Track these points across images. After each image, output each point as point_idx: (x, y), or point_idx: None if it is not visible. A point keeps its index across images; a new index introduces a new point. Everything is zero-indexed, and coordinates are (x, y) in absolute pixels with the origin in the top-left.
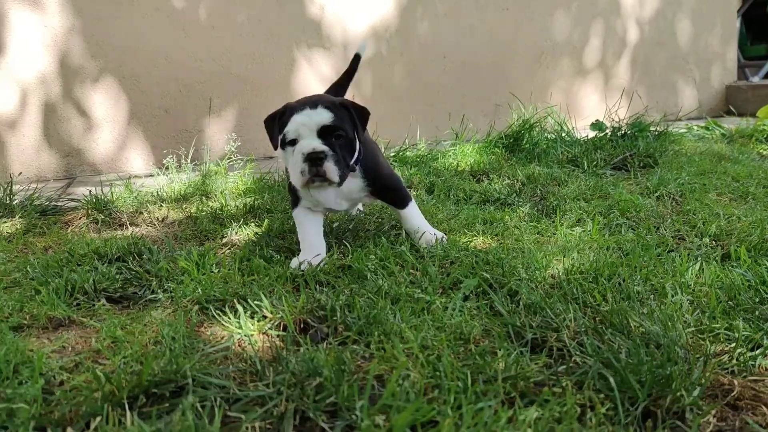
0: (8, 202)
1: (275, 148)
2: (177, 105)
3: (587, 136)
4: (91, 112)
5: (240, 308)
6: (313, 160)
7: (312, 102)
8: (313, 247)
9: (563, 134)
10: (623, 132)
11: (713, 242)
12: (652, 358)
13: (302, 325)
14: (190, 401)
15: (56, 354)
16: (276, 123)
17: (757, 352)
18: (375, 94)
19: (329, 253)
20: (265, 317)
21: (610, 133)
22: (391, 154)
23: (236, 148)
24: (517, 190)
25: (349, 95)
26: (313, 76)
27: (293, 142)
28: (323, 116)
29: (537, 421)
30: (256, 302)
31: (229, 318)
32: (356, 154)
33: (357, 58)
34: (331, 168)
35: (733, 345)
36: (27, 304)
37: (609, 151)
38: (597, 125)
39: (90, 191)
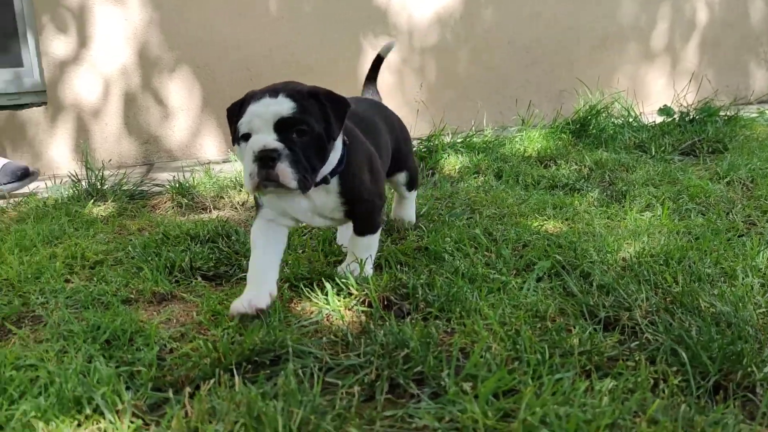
0: (100, 187)
1: (233, 143)
2: None
3: (654, 121)
4: (167, 101)
5: (328, 286)
6: (264, 159)
7: (273, 89)
8: (260, 283)
9: (630, 119)
10: (691, 117)
11: None
12: (722, 336)
13: (385, 302)
14: (291, 368)
15: (164, 325)
16: (236, 114)
17: None
18: (440, 80)
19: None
20: (351, 294)
21: (678, 118)
22: (458, 140)
23: None
24: (585, 176)
25: (416, 84)
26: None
27: (246, 137)
28: (282, 106)
29: (612, 391)
30: (342, 280)
31: (317, 295)
32: (337, 156)
33: (378, 60)
34: (285, 170)
35: None
36: (132, 280)
37: (677, 137)
38: (665, 110)
39: (173, 176)
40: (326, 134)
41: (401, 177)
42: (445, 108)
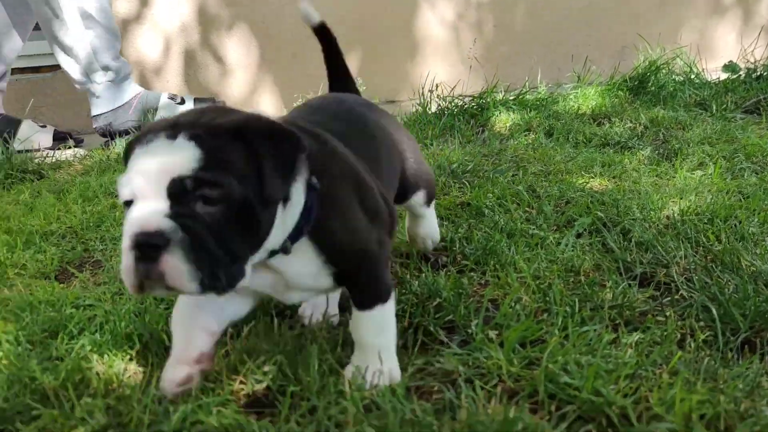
0: None
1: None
2: (304, 50)
3: (719, 78)
4: (226, 59)
5: None
6: (143, 248)
7: (174, 125)
8: (183, 349)
9: (692, 76)
10: (758, 73)
11: None
12: (757, 293)
13: (423, 254)
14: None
15: None
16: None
17: None
18: (495, 35)
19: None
20: None
21: (744, 75)
22: (511, 98)
23: (362, 92)
24: (638, 134)
25: (470, 39)
26: (435, 20)
27: (129, 204)
28: (179, 156)
29: (638, 344)
30: None
31: None
32: (296, 213)
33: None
34: (175, 267)
35: None
36: None
37: (741, 94)
38: (730, 67)
39: None
40: (257, 197)
41: (419, 197)
42: (499, 64)
